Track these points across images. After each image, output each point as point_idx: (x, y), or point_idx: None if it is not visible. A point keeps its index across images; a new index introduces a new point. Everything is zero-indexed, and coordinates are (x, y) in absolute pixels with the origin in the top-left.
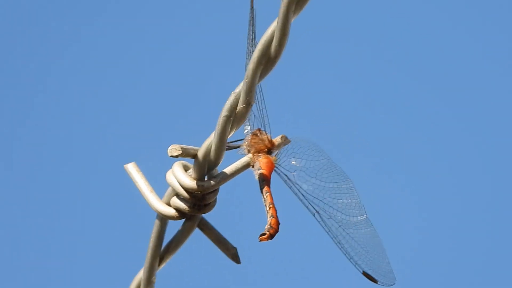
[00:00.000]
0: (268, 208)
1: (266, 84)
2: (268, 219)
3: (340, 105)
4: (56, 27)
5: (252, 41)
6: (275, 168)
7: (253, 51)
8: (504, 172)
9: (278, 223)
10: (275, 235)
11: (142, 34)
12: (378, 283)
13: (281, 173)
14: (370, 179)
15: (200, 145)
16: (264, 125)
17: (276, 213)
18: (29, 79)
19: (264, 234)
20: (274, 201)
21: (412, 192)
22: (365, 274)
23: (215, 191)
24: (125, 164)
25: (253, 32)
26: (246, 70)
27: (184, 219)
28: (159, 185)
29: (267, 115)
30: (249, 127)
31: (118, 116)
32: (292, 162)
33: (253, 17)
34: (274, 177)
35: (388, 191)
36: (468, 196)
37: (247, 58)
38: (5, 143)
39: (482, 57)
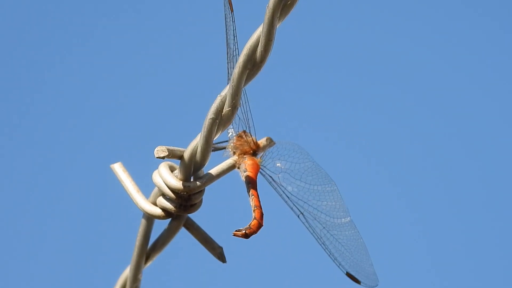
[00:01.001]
0: (253, 210)
1: (250, 86)
2: (252, 220)
3: (325, 107)
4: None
5: (233, 45)
6: (260, 170)
7: (235, 55)
8: (493, 174)
9: (259, 226)
10: (250, 235)
11: (130, 38)
12: (361, 284)
13: (266, 175)
14: (357, 183)
15: (186, 147)
16: (249, 128)
17: (261, 216)
18: (18, 80)
19: (240, 230)
20: (261, 203)
21: (401, 192)
22: (349, 275)
23: (201, 191)
24: (111, 164)
25: (235, 36)
26: (228, 73)
27: (170, 219)
28: (145, 185)
29: (251, 118)
30: (232, 129)
31: (105, 116)
32: (277, 164)
33: (233, 20)
34: (259, 178)
35: (376, 195)
36: (455, 199)
37: (228, 62)
38: None
39: (466, 59)
